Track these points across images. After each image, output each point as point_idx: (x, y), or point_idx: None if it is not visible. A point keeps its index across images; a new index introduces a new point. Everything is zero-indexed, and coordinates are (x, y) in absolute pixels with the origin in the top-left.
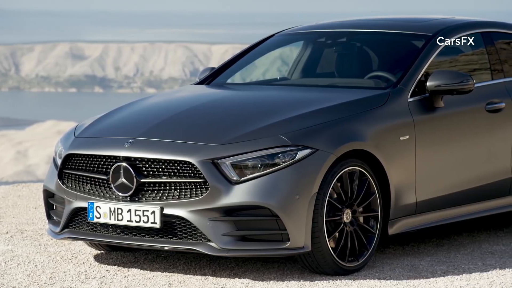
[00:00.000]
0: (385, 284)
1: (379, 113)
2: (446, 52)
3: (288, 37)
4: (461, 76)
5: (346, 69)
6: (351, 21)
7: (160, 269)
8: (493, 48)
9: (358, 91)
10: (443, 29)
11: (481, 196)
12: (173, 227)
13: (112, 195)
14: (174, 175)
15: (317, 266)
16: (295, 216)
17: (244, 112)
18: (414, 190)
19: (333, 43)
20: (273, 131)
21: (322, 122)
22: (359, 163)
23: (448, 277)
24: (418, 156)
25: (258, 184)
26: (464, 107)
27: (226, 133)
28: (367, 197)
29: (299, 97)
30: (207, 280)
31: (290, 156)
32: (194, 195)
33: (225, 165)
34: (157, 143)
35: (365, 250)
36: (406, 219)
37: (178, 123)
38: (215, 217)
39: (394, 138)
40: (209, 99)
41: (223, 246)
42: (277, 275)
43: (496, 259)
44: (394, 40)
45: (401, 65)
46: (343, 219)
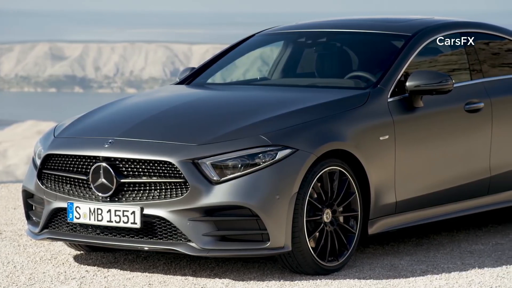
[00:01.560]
0: (365, 283)
1: (359, 113)
2: (425, 52)
3: (268, 37)
4: (440, 76)
5: (326, 69)
6: (331, 21)
7: (140, 269)
8: (472, 48)
9: (338, 91)
10: (422, 29)
11: (460, 196)
12: (153, 227)
13: (92, 195)
14: (154, 175)
15: (297, 266)
16: (275, 216)
17: (224, 112)
18: (393, 190)
19: (313, 43)
20: (253, 131)
21: (302, 122)
22: (339, 163)
23: (428, 276)
24: (398, 156)
25: (239, 184)
26: (443, 107)
27: (206, 133)
28: (347, 197)
29: (280, 97)
30: (187, 280)
31: (271, 156)
32: (174, 195)
33: (205, 165)
34: (137, 143)
35: (345, 249)
36: (386, 218)
37: (158, 123)
38: (195, 217)
39: (374, 138)
40: (189, 99)
41: (203, 246)
42: (258, 275)
43: (475, 259)
44: (374, 40)
45: (381, 65)
46: (323, 219)
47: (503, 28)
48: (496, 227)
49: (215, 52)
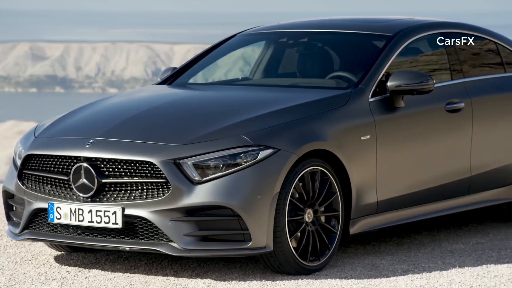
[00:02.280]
0: (346, 283)
1: (341, 113)
2: (406, 52)
3: (250, 37)
4: (421, 76)
5: (307, 69)
6: (313, 21)
7: (121, 269)
8: (453, 49)
9: (320, 91)
10: (403, 29)
11: (441, 196)
12: (135, 228)
13: (73, 195)
14: (135, 176)
15: (279, 265)
16: (257, 216)
17: (206, 112)
18: (375, 190)
19: (295, 43)
20: (235, 131)
21: (284, 122)
22: (321, 163)
23: (409, 276)
24: (379, 156)
25: (220, 184)
26: (424, 107)
27: (188, 133)
28: (328, 196)
29: (261, 97)
30: (168, 280)
31: (252, 156)
32: (156, 195)
33: (187, 165)
34: (118, 143)
35: (326, 249)
36: (367, 218)
37: (140, 123)
38: (177, 217)
39: (355, 138)
40: (170, 99)
41: (185, 246)
42: (239, 275)
43: (456, 258)
44: (355, 40)
45: (362, 65)
46: (304, 218)
47: (483, 28)
48: (476, 226)
49: (197, 52)
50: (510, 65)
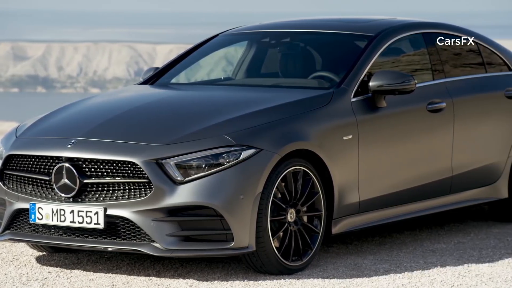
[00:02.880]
0: (329, 283)
1: (323, 113)
2: (388, 52)
3: (232, 37)
4: (403, 76)
5: (290, 69)
6: (295, 21)
7: (103, 270)
8: (434, 49)
9: (302, 91)
10: (385, 29)
11: (423, 195)
12: (117, 228)
13: (54, 196)
14: (117, 176)
15: (261, 265)
16: (239, 216)
17: (188, 112)
18: (357, 190)
19: (277, 43)
20: (217, 131)
21: (266, 122)
22: (303, 162)
23: (391, 275)
24: (361, 156)
25: (203, 184)
26: (406, 107)
27: (170, 133)
28: (311, 196)
29: (244, 97)
30: (151, 280)
31: (235, 156)
32: (138, 195)
33: (169, 165)
34: (100, 143)
35: (309, 249)
36: (350, 218)
37: (122, 123)
38: (159, 217)
39: (338, 137)
40: (153, 99)
41: (167, 246)
42: (222, 275)
43: (437, 257)
44: (337, 40)
45: (344, 65)
46: (287, 218)
47: (464, 29)
48: (458, 226)
49: (179, 52)
50: (491, 65)
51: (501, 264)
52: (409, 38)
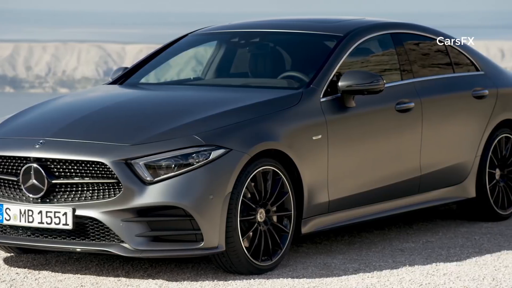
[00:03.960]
0: (298, 282)
1: (292, 113)
2: (357, 52)
3: (201, 37)
4: (371, 76)
5: (259, 69)
6: (264, 21)
7: (72, 271)
8: (403, 49)
9: (272, 91)
10: (354, 29)
11: (392, 195)
12: (86, 229)
13: (22, 196)
14: (86, 176)
15: (231, 265)
16: (209, 216)
17: (158, 112)
18: (326, 189)
19: (247, 43)
20: (187, 131)
21: (235, 122)
22: (273, 162)
23: (360, 274)
24: (331, 156)
25: (172, 184)
26: (375, 107)
27: (140, 133)
28: (280, 196)
29: (213, 97)
30: (120, 281)
31: (204, 156)
32: (107, 196)
33: (138, 165)
34: (69, 144)
35: (278, 249)
36: (319, 218)
37: (91, 123)
38: (128, 217)
39: (307, 137)
40: (122, 99)
41: (136, 247)
42: (191, 275)
43: (406, 256)
44: (306, 40)
45: (313, 65)
46: (257, 218)
47: (432, 29)
48: (426, 225)
49: (149, 52)
50: (459, 65)
51: (469, 263)
52: (378, 38)
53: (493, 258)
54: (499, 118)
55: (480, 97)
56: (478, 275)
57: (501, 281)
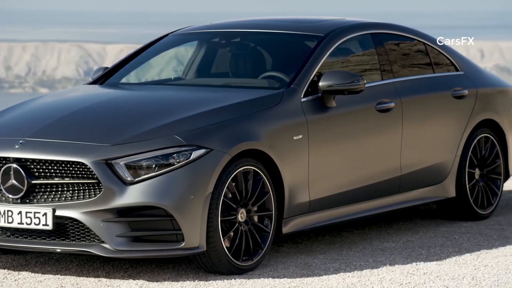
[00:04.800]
0: (279, 282)
1: (273, 113)
2: (338, 52)
3: (182, 37)
4: (352, 76)
5: (240, 69)
6: (245, 21)
7: (52, 271)
8: (383, 49)
9: (252, 91)
10: (334, 30)
11: (373, 194)
12: (66, 229)
13: (2, 197)
14: (66, 176)
15: (212, 265)
16: (190, 216)
17: (138, 112)
18: (307, 189)
19: (227, 43)
20: (167, 131)
21: (216, 122)
22: (254, 162)
23: (340, 274)
24: (311, 156)
25: (153, 184)
26: (355, 106)
27: (120, 133)
28: (261, 196)
29: (194, 97)
30: (100, 282)
31: (185, 156)
32: (87, 196)
33: (119, 165)
34: (49, 144)
35: (259, 249)
36: (300, 217)
37: (71, 123)
38: (108, 218)
39: (288, 137)
40: (102, 99)
41: (117, 247)
42: (172, 276)
43: (386, 256)
44: (287, 40)
45: (294, 65)
46: (237, 218)
47: (412, 29)
48: (406, 224)
49: (129, 52)
50: (439, 65)
51: (449, 262)
52: (358, 38)
53: (472, 257)
54: (478, 118)
55: (460, 97)
56: (458, 274)
57: (480, 280)
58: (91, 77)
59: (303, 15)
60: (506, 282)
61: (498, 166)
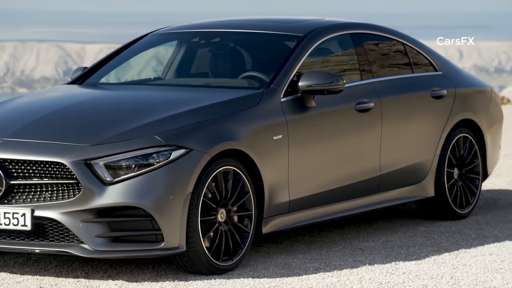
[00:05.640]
0: (259, 282)
1: (253, 113)
2: (317, 52)
3: (161, 37)
4: (331, 76)
5: (220, 69)
6: (225, 21)
7: (31, 272)
8: (362, 49)
9: (232, 91)
10: (314, 30)
11: (352, 194)
12: (45, 230)
13: None
14: (45, 177)
15: (191, 266)
16: (169, 216)
17: (118, 112)
18: (287, 189)
19: (207, 43)
20: (147, 131)
21: (196, 122)
22: (234, 162)
23: (320, 274)
24: (291, 155)
25: (132, 184)
26: (335, 106)
27: (99, 133)
28: (241, 196)
29: (173, 97)
30: (79, 282)
31: (165, 156)
32: (67, 196)
33: (98, 165)
34: (28, 144)
35: (239, 249)
36: (280, 217)
37: (50, 123)
38: (88, 218)
39: (268, 137)
40: (81, 99)
41: (96, 247)
42: (152, 276)
43: (366, 256)
44: (266, 40)
45: (274, 65)
46: (217, 218)
47: (391, 29)
48: (386, 224)
49: (109, 52)
50: (417, 65)
51: (428, 261)
52: (338, 38)
53: (451, 257)
54: (457, 118)
55: (439, 97)
56: (437, 274)
57: (459, 279)
58: (70, 77)
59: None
60: (485, 281)
61: (477, 165)
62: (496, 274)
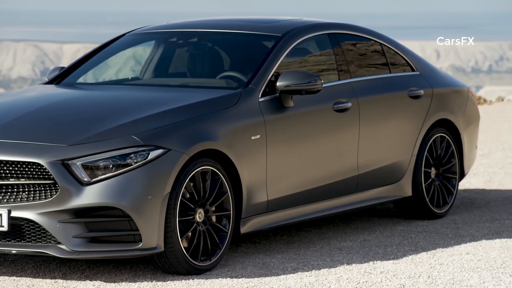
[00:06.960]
0: (237, 282)
1: (231, 113)
2: (295, 52)
3: (139, 36)
4: (309, 76)
5: (197, 69)
6: (202, 21)
7: (7, 273)
8: (340, 49)
9: (210, 91)
10: (291, 30)
11: (330, 194)
12: (22, 230)
13: None
14: (22, 177)
15: (169, 266)
16: (147, 216)
17: (95, 112)
18: (265, 189)
19: (185, 43)
20: (124, 131)
21: (174, 122)
22: (212, 162)
23: (298, 273)
24: (269, 155)
25: (110, 184)
26: (313, 106)
27: (77, 134)
28: (219, 196)
29: (151, 97)
30: (57, 283)
31: (142, 156)
32: (44, 197)
33: (75, 166)
34: (4, 144)
35: (217, 249)
36: (258, 217)
37: (26, 123)
38: (65, 219)
39: (246, 137)
40: (58, 99)
41: (73, 248)
42: (129, 276)
43: (344, 255)
44: (244, 40)
45: (252, 65)
46: (195, 218)
47: (368, 30)
48: (363, 224)
49: (87, 52)
50: (395, 65)
51: (405, 261)
52: (315, 38)
53: (428, 256)
54: (434, 118)
55: (416, 97)
56: (414, 273)
57: (436, 279)
58: (47, 77)
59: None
60: (461, 280)
61: (454, 165)
62: (473, 273)
